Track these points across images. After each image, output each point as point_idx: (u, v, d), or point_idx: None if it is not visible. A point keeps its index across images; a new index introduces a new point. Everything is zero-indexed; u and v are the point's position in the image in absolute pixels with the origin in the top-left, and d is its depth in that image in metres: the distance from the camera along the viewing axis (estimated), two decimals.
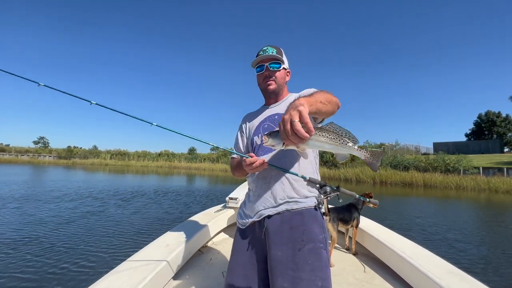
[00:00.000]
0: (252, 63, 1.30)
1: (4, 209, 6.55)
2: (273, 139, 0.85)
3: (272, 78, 1.28)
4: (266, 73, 1.27)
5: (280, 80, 1.30)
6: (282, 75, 1.30)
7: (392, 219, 6.91)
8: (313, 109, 0.86)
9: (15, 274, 3.13)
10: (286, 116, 0.76)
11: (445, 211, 8.79)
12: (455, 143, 32.54)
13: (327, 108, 0.94)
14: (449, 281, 1.43)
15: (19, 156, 47.57)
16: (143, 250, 1.72)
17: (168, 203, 8.41)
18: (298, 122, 0.73)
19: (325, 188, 1.11)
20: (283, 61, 1.28)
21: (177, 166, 39.43)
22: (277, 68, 1.26)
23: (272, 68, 1.25)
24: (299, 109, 0.74)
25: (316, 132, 0.81)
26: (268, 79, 1.28)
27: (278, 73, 1.28)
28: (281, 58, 1.27)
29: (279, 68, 1.27)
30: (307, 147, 0.84)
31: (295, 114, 0.74)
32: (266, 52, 1.25)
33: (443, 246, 4.73)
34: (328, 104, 0.95)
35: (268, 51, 1.26)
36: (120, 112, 1.14)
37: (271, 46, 1.28)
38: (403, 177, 18.56)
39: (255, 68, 1.31)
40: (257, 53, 1.29)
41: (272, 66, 1.25)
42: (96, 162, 44.48)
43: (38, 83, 1.20)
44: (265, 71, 1.27)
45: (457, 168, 18.77)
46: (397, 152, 26.16)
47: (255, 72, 1.32)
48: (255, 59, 1.28)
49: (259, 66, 1.28)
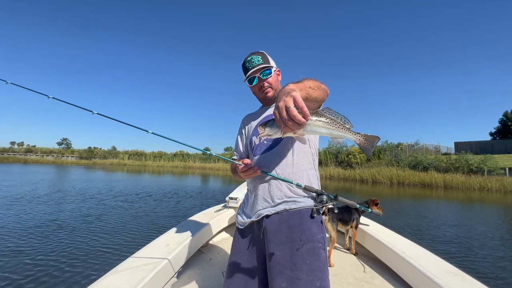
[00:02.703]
0: (245, 79, 1.28)
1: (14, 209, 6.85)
2: (270, 128, 0.85)
3: (268, 86, 1.26)
4: (260, 84, 1.26)
5: (275, 84, 1.29)
6: (275, 78, 1.29)
7: (414, 225, 6.31)
8: (303, 94, 0.87)
9: (15, 273, 3.16)
10: (280, 103, 0.75)
11: (472, 216, 8.32)
12: (479, 143, 30.94)
13: (316, 94, 0.95)
14: (449, 281, 1.44)
15: (45, 157, 50.10)
16: (143, 250, 1.74)
17: (184, 201, 8.56)
18: (294, 108, 0.72)
19: (321, 197, 1.09)
20: (271, 65, 1.26)
21: (191, 166, 40.16)
22: (269, 74, 1.25)
23: (264, 76, 1.24)
24: (292, 95, 0.74)
25: (312, 117, 0.81)
26: (264, 88, 1.27)
27: (271, 79, 1.26)
28: (269, 63, 1.25)
29: (270, 74, 1.25)
30: (305, 132, 0.84)
31: (289, 100, 0.73)
32: (252, 63, 1.23)
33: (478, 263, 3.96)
34: (317, 90, 0.96)
35: (253, 61, 1.23)
36: (118, 121, 1.19)
37: (254, 53, 1.26)
38: (422, 178, 17.89)
39: (246, 82, 1.29)
40: (243, 65, 1.27)
41: (263, 74, 1.24)
42: (115, 162, 46.11)
43: (47, 96, 1.25)
44: (259, 82, 1.26)
45: (481, 168, 17.85)
46: (416, 152, 25.24)
47: (248, 84, 1.30)
48: (246, 74, 1.25)
49: (251, 79, 1.26)
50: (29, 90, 1.25)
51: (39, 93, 1.26)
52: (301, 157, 1.18)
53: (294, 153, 1.17)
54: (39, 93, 1.26)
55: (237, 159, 1.39)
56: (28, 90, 1.25)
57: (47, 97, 1.25)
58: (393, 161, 22.28)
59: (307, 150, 1.20)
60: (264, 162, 1.19)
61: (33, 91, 1.26)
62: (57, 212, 6.57)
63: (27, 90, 1.28)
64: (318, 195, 1.11)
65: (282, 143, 1.18)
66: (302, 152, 1.19)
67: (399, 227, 5.89)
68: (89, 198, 8.69)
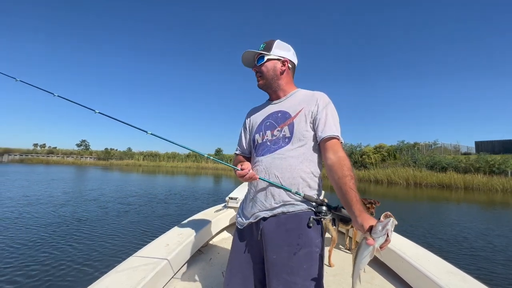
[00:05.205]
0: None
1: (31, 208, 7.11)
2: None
3: (258, 74, 1.26)
4: (254, 70, 1.28)
5: (269, 73, 1.24)
6: (270, 66, 1.23)
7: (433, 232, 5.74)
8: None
9: (15, 272, 3.19)
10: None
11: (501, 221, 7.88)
12: (502, 142, 29.37)
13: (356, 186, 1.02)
14: (449, 281, 1.43)
15: (65, 158, 52.21)
16: (143, 250, 1.74)
17: (192, 203, 8.64)
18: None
19: (321, 208, 1.07)
20: (267, 53, 1.22)
21: (204, 167, 40.57)
22: (261, 62, 1.23)
23: (258, 63, 1.24)
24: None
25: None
26: (256, 75, 1.28)
27: (264, 67, 1.23)
28: (268, 51, 1.22)
29: (262, 62, 1.23)
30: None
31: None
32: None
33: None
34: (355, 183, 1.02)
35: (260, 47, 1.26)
36: (118, 120, 1.20)
37: (264, 42, 1.27)
38: (440, 179, 17.25)
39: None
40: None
41: (258, 61, 1.25)
42: (131, 163, 47.38)
43: (53, 94, 1.29)
44: (254, 68, 1.28)
45: (504, 169, 16.99)
46: (434, 152, 24.35)
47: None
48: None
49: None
50: (37, 88, 1.30)
51: (46, 91, 1.31)
52: (304, 162, 1.13)
53: (296, 157, 1.13)
54: (46, 91, 1.31)
55: (239, 154, 1.39)
56: (37, 88, 1.30)
57: (53, 95, 1.29)
58: (410, 161, 21.61)
59: (310, 154, 1.15)
60: (265, 163, 1.16)
61: (40, 89, 1.30)
62: (57, 212, 6.59)
63: (36, 89, 1.33)
64: (317, 205, 1.09)
65: (286, 148, 1.14)
66: (304, 157, 1.14)
67: (418, 238, 5.24)
68: (92, 200, 8.56)
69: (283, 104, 1.24)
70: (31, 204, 7.46)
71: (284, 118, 1.19)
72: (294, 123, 1.15)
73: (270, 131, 1.20)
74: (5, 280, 3.01)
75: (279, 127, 1.18)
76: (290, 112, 1.18)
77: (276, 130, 1.18)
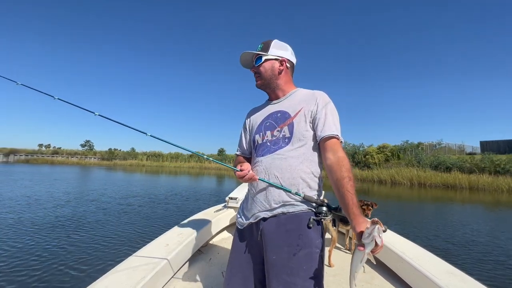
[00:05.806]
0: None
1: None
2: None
3: (256, 74, 1.27)
4: (252, 71, 1.28)
5: (267, 73, 1.24)
6: (268, 66, 1.23)
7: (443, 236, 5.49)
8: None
9: (15, 272, 3.20)
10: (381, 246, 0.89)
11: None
12: (508, 142, 29.00)
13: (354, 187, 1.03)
14: (449, 281, 1.43)
15: (69, 158, 52.69)
16: (142, 250, 1.74)
17: (193, 203, 8.67)
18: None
19: (321, 209, 1.06)
20: (265, 53, 1.22)
21: (207, 167, 40.63)
22: (259, 62, 1.23)
23: (256, 64, 1.25)
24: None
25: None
26: (254, 75, 1.29)
27: (262, 67, 1.23)
28: (266, 51, 1.23)
29: (261, 63, 1.23)
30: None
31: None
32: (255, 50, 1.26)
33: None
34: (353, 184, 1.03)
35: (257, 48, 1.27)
36: (118, 123, 1.21)
37: (262, 42, 1.27)
38: (445, 179, 17.09)
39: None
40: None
41: (256, 62, 1.25)
42: (134, 163, 47.65)
43: (53, 97, 1.30)
44: (252, 69, 1.28)
45: (509, 169, 16.78)
46: (438, 152, 24.12)
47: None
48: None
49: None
50: (37, 91, 1.31)
51: (46, 94, 1.32)
52: (304, 163, 1.12)
53: (296, 157, 1.12)
54: (46, 94, 1.32)
55: (240, 154, 1.40)
56: (37, 91, 1.31)
57: (53, 98, 1.30)
58: (414, 161, 21.44)
59: (310, 154, 1.15)
60: (265, 163, 1.16)
61: (41, 92, 1.32)
62: (57, 212, 6.62)
63: (37, 91, 1.35)
64: (318, 205, 1.08)
65: (286, 148, 1.14)
66: (304, 157, 1.13)
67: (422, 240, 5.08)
68: (93, 200, 8.57)
69: (283, 104, 1.24)
70: (31, 204, 7.50)
71: (283, 118, 1.19)
72: (294, 123, 1.15)
73: (270, 132, 1.20)
74: (5, 280, 3.03)
75: (278, 127, 1.18)
76: (290, 112, 1.18)
77: (276, 131, 1.18)
